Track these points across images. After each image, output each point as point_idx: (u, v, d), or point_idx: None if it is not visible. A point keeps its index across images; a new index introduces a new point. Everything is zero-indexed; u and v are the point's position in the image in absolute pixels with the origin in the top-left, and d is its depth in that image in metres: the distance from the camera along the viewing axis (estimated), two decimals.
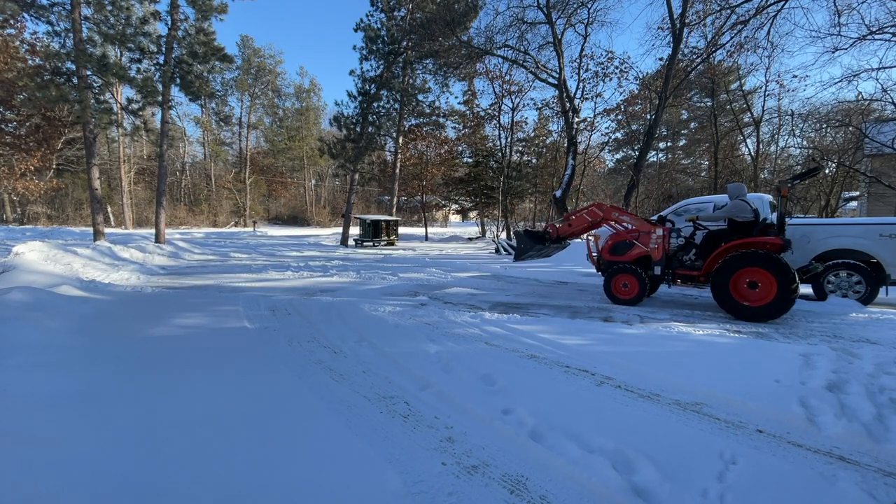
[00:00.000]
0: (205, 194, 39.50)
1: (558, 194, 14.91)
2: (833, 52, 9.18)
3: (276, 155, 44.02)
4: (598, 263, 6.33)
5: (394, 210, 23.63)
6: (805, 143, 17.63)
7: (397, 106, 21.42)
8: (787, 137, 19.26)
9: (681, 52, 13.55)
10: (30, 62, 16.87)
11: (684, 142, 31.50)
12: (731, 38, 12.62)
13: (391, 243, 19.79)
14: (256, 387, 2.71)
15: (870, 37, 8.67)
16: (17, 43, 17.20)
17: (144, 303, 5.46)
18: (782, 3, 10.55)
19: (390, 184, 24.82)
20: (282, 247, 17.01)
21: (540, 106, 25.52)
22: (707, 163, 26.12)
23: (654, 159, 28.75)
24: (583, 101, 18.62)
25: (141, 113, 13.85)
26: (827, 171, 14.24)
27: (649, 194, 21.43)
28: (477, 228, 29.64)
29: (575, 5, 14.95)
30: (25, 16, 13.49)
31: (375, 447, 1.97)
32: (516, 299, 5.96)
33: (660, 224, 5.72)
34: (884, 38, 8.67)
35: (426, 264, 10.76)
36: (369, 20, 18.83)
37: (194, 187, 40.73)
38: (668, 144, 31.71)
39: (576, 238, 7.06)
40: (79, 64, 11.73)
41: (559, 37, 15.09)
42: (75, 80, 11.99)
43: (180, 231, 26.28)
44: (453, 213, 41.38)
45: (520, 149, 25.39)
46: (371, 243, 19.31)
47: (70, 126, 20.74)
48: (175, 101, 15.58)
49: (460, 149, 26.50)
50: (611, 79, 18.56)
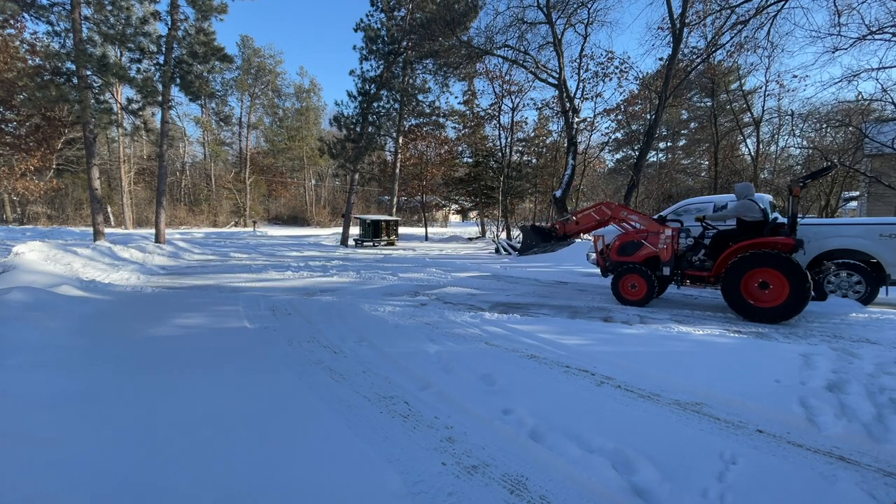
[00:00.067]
0: (205, 194, 39.50)
1: (558, 194, 14.92)
2: (833, 52, 9.18)
3: (276, 155, 44.02)
4: (603, 264, 6.24)
5: (394, 210, 23.63)
6: (805, 143, 17.65)
7: (397, 106, 21.43)
8: (787, 137, 19.30)
9: (681, 52, 13.55)
10: (30, 62, 16.87)
11: (684, 142, 31.49)
12: (731, 38, 12.62)
13: (391, 243, 19.79)
14: (256, 387, 2.71)
15: (870, 37, 8.67)
16: (17, 43, 17.20)
17: (144, 303, 5.46)
18: (782, 3, 10.55)
19: (390, 184, 24.83)
20: (282, 247, 17.01)
21: (540, 106, 25.55)
22: (707, 163, 26.13)
23: (654, 159, 28.76)
24: (583, 101, 18.64)
25: (141, 113, 13.85)
26: None
27: (649, 194, 21.44)
28: (477, 228, 29.64)
29: (575, 5, 14.96)
30: (25, 16, 13.50)
31: (375, 447, 1.97)
32: (516, 299, 5.96)
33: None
34: (884, 38, 8.67)
35: (426, 264, 10.76)
36: (369, 20, 18.84)
37: (194, 187, 40.73)
38: (668, 144, 31.70)
39: (585, 234, 7.03)
40: (79, 64, 11.73)
41: (559, 37, 15.09)
42: (75, 80, 12.00)
43: (180, 231, 26.28)
44: (453, 213, 41.36)
45: (520, 149, 25.39)
46: (371, 243, 19.31)
47: (70, 126, 20.75)
48: (175, 101, 15.60)
49: (460, 149, 26.49)
50: (611, 79, 18.58)
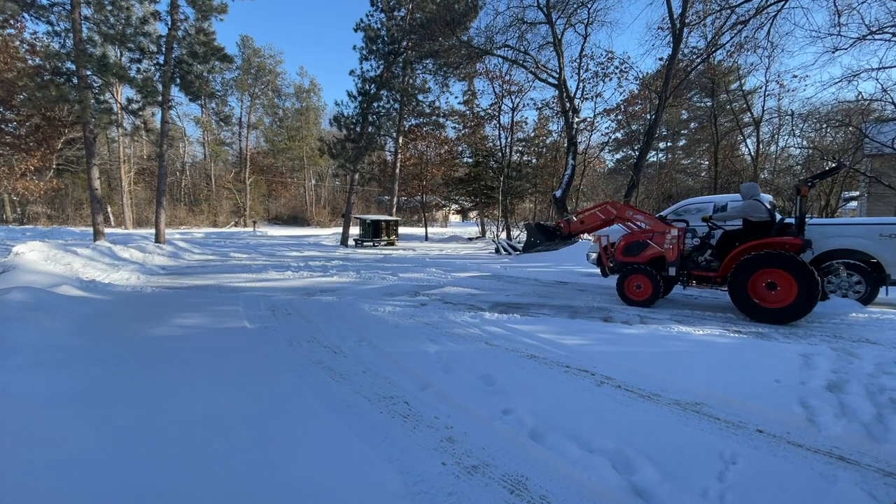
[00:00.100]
0: (205, 194, 39.50)
1: (558, 194, 14.92)
2: (833, 52, 9.17)
3: (276, 155, 44.01)
4: (607, 264, 6.17)
5: (394, 210, 23.63)
6: (805, 143, 17.64)
7: (397, 106, 21.42)
8: (787, 137, 19.28)
9: (681, 52, 13.54)
10: (30, 62, 16.87)
11: (684, 142, 31.48)
12: (731, 38, 12.62)
13: (391, 243, 19.79)
14: (256, 387, 2.71)
15: (870, 37, 8.67)
16: (17, 43, 17.19)
17: (144, 303, 5.46)
18: (782, 3, 10.55)
19: (390, 184, 24.83)
20: (282, 247, 17.01)
21: (540, 106, 25.54)
22: (707, 163, 26.12)
23: (654, 159, 28.75)
24: (583, 101, 18.63)
25: (141, 113, 13.85)
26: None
27: (649, 194, 21.43)
28: (477, 228, 29.63)
29: (575, 5, 14.95)
30: (25, 16, 13.49)
31: (375, 447, 1.97)
32: (516, 299, 5.96)
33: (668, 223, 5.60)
34: (884, 38, 8.67)
35: (426, 264, 10.76)
36: (369, 20, 18.84)
37: (194, 187, 40.73)
38: (668, 144, 31.70)
39: (587, 234, 6.99)
40: (79, 64, 11.73)
41: (559, 37, 15.09)
42: (75, 80, 12.00)
43: (180, 231, 26.28)
44: (453, 213, 41.36)
45: (520, 149, 25.38)
46: (371, 243, 19.31)
47: (70, 126, 20.75)
48: (175, 101, 15.59)
49: (460, 149, 26.49)
50: (611, 79, 18.57)
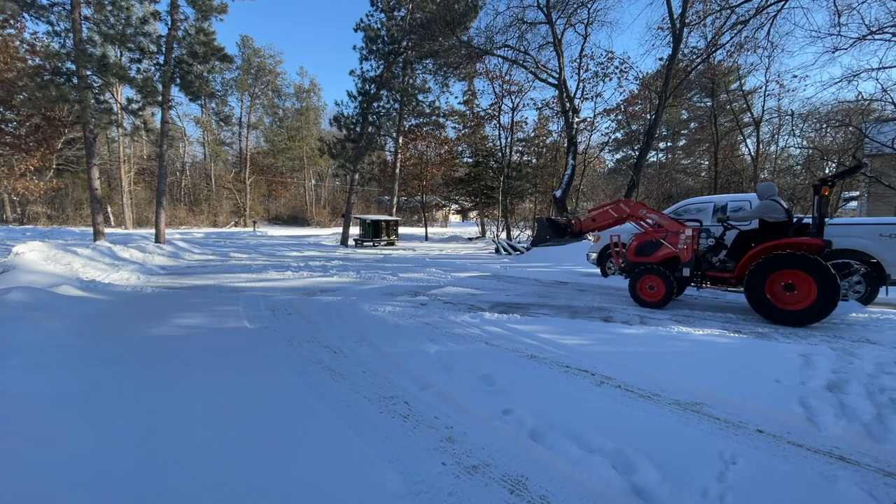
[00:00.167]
0: (205, 194, 39.50)
1: (558, 194, 14.91)
2: (833, 52, 9.18)
3: (276, 155, 44.02)
4: (618, 264, 6.10)
5: (394, 210, 23.63)
6: (805, 143, 17.66)
7: (397, 106, 21.43)
8: (787, 137, 19.31)
9: (681, 52, 13.54)
10: (30, 62, 16.86)
11: (684, 142, 31.48)
12: (731, 38, 12.61)
13: (391, 243, 19.79)
14: (256, 387, 2.71)
15: (870, 37, 8.67)
16: (17, 43, 17.19)
17: (144, 303, 5.46)
18: (782, 3, 10.54)
19: (390, 184, 24.83)
20: (282, 247, 17.01)
21: (540, 106, 25.54)
22: (707, 163, 26.13)
23: (654, 159, 28.75)
24: (583, 101, 18.63)
25: (141, 113, 13.85)
26: (827, 171, 14.24)
27: (649, 194, 21.44)
28: (477, 228, 29.65)
29: (575, 5, 14.95)
30: (25, 16, 13.47)
31: (375, 447, 1.97)
32: (516, 299, 5.96)
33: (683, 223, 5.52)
34: (884, 38, 8.67)
35: (426, 264, 10.76)
36: (369, 20, 18.84)
37: (194, 187, 40.74)
38: (668, 144, 31.69)
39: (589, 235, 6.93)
40: (79, 64, 11.73)
41: (559, 37, 15.08)
42: (75, 80, 11.99)
43: (180, 231, 26.28)
44: (453, 213, 41.37)
45: (520, 149, 25.38)
46: (371, 243, 19.31)
47: (70, 126, 20.75)
48: (175, 101, 15.58)
49: (460, 149, 26.49)
50: (611, 79, 18.57)
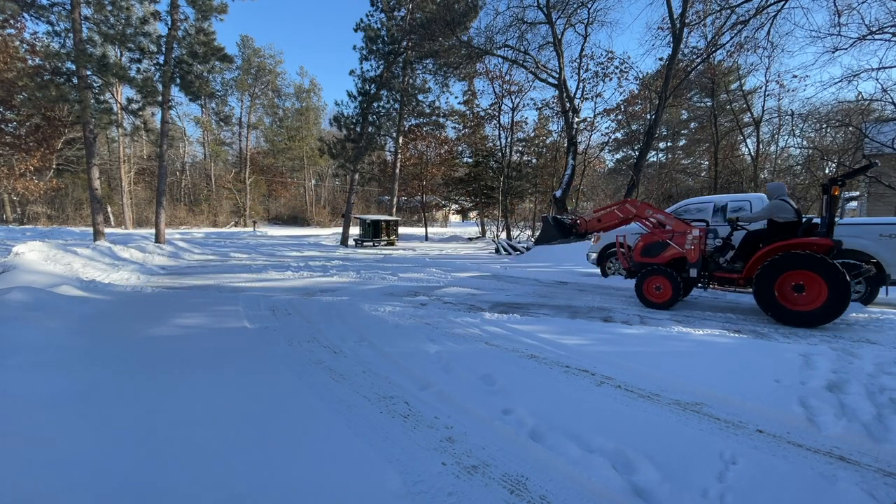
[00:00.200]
0: (205, 194, 39.50)
1: (558, 194, 14.92)
2: (833, 52, 9.19)
3: (276, 155, 44.02)
4: (626, 264, 6.06)
5: (394, 210, 23.63)
6: (805, 143, 17.67)
7: (397, 106, 21.43)
8: (787, 137, 19.32)
9: (681, 52, 13.56)
10: (30, 62, 16.84)
11: (684, 142, 31.48)
12: (731, 38, 12.63)
13: (391, 243, 19.79)
14: (256, 387, 2.71)
15: (870, 37, 8.67)
16: (17, 43, 17.17)
17: (144, 303, 5.46)
18: (782, 3, 10.55)
19: (390, 184, 24.83)
20: (282, 247, 17.01)
21: (540, 106, 25.54)
22: (707, 163, 26.13)
23: (654, 159, 28.76)
24: (583, 101, 18.65)
25: (141, 113, 13.84)
26: (827, 171, 14.25)
27: (649, 194, 21.45)
28: (477, 228, 29.65)
29: (575, 5, 14.97)
30: (25, 16, 13.47)
31: (375, 447, 1.97)
32: (516, 299, 5.96)
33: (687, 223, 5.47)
34: (884, 38, 8.68)
35: (426, 264, 10.76)
36: (369, 20, 18.85)
37: (194, 187, 40.74)
38: (668, 144, 31.69)
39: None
40: (79, 64, 11.73)
41: (559, 37, 15.10)
42: (75, 80, 11.99)
43: (180, 231, 26.28)
44: (453, 213, 41.38)
45: (520, 149, 25.39)
46: (371, 243, 19.31)
47: (70, 126, 20.73)
48: (175, 101, 15.59)
49: (460, 149, 26.50)
50: (611, 79, 18.59)
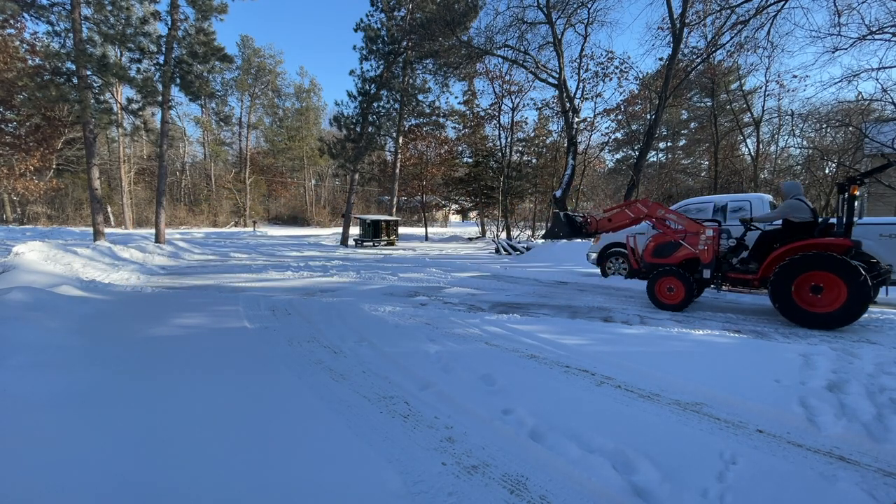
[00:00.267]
0: (205, 194, 39.50)
1: (558, 194, 14.92)
2: (833, 52, 9.17)
3: (276, 155, 44.02)
4: (636, 265, 6.03)
5: (394, 210, 23.63)
6: (805, 143, 17.67)
7: (397, 106, 21.43)
8: (787, 137, 19.31)
9: (681, 52, 13.56)
10: (30, 62, 16.84)
11: (684, 142, 31.49)
12: (731, 38, 12.61)
13: (391, 243, 19.79)
14: (256, 387, 2.71)
15: (870, 37, 8.66)
16: (17, 43, 17.17)
17: (144, 303, 5.46)
18: (782, 3, 10.54)
19: (390, 184, 24.83)
20: (282, 247, 17.01)
21: (540, 106, 25.57)
22: (707, 163, 26.14)
23: (654, 159, 28.78)
24: (583, 101, 18.66)
25: (141, 113, 13.85)
26: (827, 171, 14.25)
27: (649, 194, 21.46)
28: (477, 228, 29.65)
29: (575, 5, 14.96)
30: (25, 16, 13.47)
31: (375, 447, 1.97)
32: (516, 299, 5.96)
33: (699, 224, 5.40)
34: (884, 38, 8.66)
35: (426, 264, 10.76)
36: (369, 20, 18.85)
37: (194, 187, 40.74)
38: (668, 144, 31.70)
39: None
40: (79, 64, 11.73)
41: (559, 37, 15.09)
42: (75, 80, 11.99)
43: (180, 231, 26.29)
44: (453, 213, 41.39)
45: (520, 149, 25.40)
46: (371, 243, 19.31)
47: (70, 126, 20.72)
48: (175, 101, 15.58)
49: (460, 149, 26.50)
50: (611, 79, 18.61)
